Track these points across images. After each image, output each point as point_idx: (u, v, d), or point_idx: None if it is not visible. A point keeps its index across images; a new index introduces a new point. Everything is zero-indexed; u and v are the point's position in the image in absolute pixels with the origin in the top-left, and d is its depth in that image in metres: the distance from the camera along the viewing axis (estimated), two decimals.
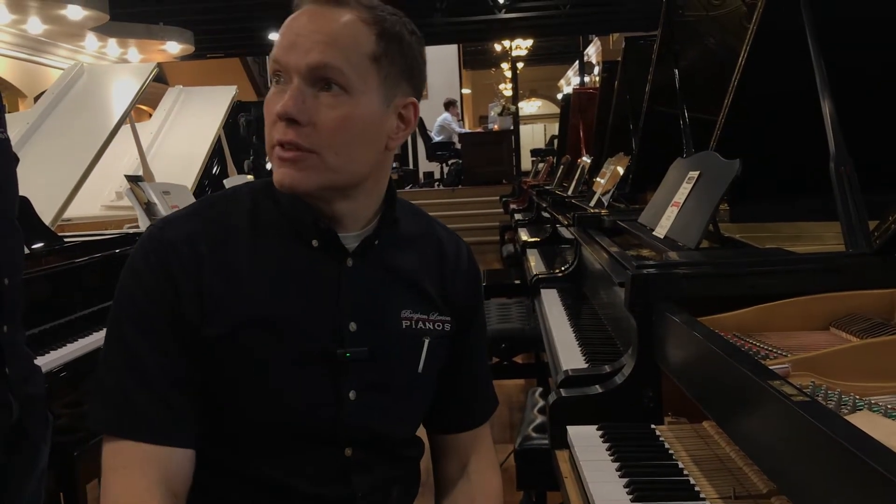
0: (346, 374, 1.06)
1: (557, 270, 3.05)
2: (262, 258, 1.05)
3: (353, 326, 1.07)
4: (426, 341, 1.13)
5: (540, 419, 2.02)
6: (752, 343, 1.26)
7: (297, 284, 1.06)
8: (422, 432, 1.23)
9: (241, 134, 6.35)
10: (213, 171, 6.05)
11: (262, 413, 1.03)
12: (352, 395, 1.06)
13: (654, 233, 2.06)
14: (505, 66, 20.37)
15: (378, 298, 1.10)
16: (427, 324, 1.13)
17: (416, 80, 1.08)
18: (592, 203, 3.67)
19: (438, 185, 13.73)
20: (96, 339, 2.67)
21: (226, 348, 1.02)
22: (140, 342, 1.01)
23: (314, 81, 0.99)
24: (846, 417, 0.87)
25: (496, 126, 13.87)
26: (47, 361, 2.42)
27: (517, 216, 6.76)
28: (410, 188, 13.38)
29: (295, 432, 1.05)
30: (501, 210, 9.64)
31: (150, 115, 6.48)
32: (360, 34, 1.01)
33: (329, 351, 1.05)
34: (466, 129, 15.17)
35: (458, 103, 15.35)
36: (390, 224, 1.12)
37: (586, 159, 5.23)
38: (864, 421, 0.85)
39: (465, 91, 20.84)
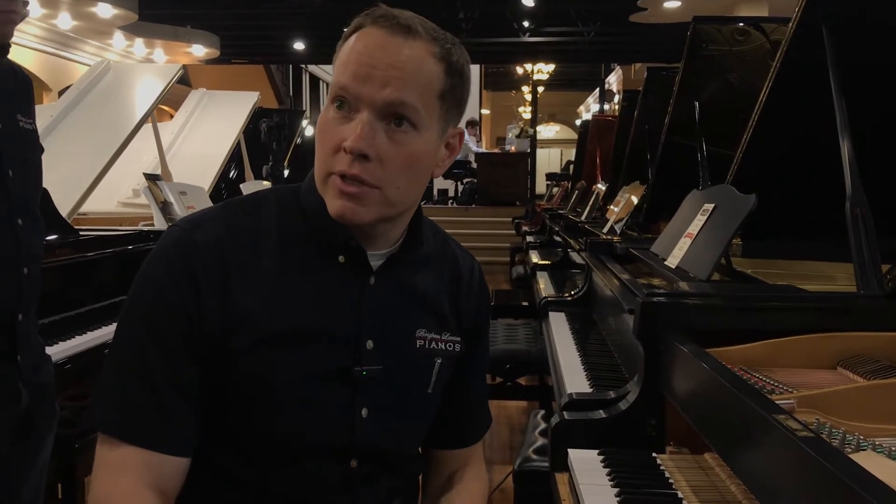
0: (361, 391, 1.06)
1: (567, 294, 3.05)
2: (288, 271, 1.04)
3: (369, 344, 1.07)
4: (437, 362, 1.13)
5: (541, 441, 2.02)
6: (758, 377, 1.26)
7: (320, 300, 1.05)
8: None
9: (261, 140, 6.39)
10: (231, 175, 6.10)
11: (275, 425, 1.03)
12: (364, 412, 1.06)
13: (666, 262, 2.06)
14: (525, 89, 20.47)
15: (395, 317, 1.10)
16: (440, 344, 1.13)
17: (463, 108, 1.09)
18: (605, 230, 3.67)
19: (452, 203, 13.76)
20: (104, 333, 2.69)
21: (246, 361, 1.01)
22: (150, 348, 1.01)
23: (385, 116, 0.98)
24: (849, 456, 0.86)
25: (513, 148, 13.90)
26: (53, 353, 2.44)
27: (529, 238, 6.76)
28: (424, 204, 13.32)
29: (305, 445, 1.04)
30: (513, 232, 9.65)
31: (172, 116, 6.55)
32: (432, 72, 1.00)
33: (345, 368, 1.05)
34: (483, 149, 15.20)
35: (478, 124, 15.41)
36: (416, 245, 1.12)
37: (601, 186, 5.25)
38: (867, 461, 0.85)
39: (485, 111, 20.93)
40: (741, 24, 3.11)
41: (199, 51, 11.58)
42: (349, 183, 0.98)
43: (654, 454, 1.37)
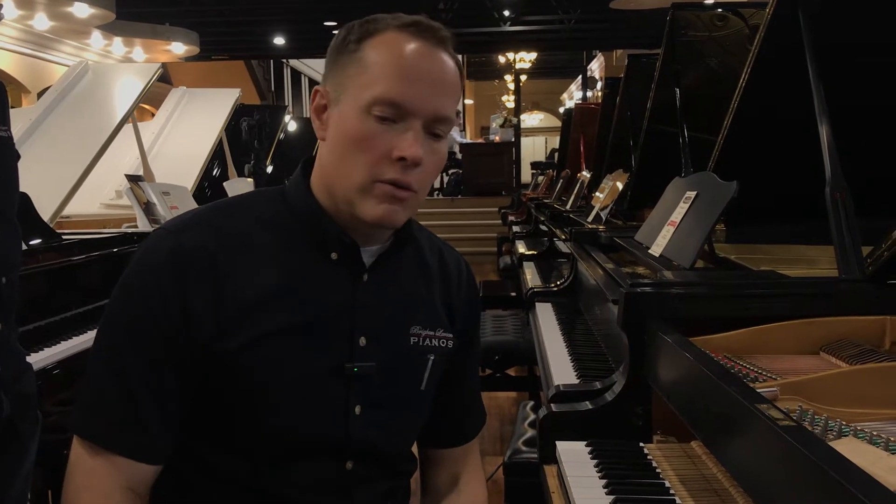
0: (354, 388, 1.06)
1: (553, 284, 3.06)
2: (279, 269, 1.04)
3: (362, 341, 1.07)
4: (431, 358, 1.13)
5: (530, 433, 2.03)
6: (742, 365, 1.27)
7: (313, 297, 1.05)
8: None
9: (242, 138, 6.37)
10: (214, 174, 6.06)
11: (269, 423, 1.03)
12: (357, 409, 1.06)
13: (649, 251, 2.07)
14: (508, 78, 20.45)
15: (389, 314, 1.10)
16: (433, 340, 1.14)
17: None
18: (590, 218, 3.68)
19: (438, 195, 13.75)
20: (91, 337, 2.67)
21: (239, 360, 1.00)
22: (129, 355, 1.01)
23: (429, 128, 1.02)
24: (831, 443, 0.87)
25: (497, 137, 13.91)
26: (41, 358, 2.43)
27: (515, 228, 6.77)
28: None
29: (300, 444, 1.04)
30: (500, 222, 9.66)
31: (153, 115, 6.51)
32: (459, 83, 1.05)
33: (338, 365, 1.05)
34: (468, 140, 15.18)
35: (461, 114, 15.39)
36: (408, 242, 1.13)
37: (586, 174, 5.25)
38: (848, 447, 0.86)
39: (468, 102, 20.91)
40: (720, 10, 3.12)
41: (179, 48, 11.49)
42: (400, 189, 1.01)
43: (641, 444, 1.38)
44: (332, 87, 1.04)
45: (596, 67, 18.50)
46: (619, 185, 3.64)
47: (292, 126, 8.56)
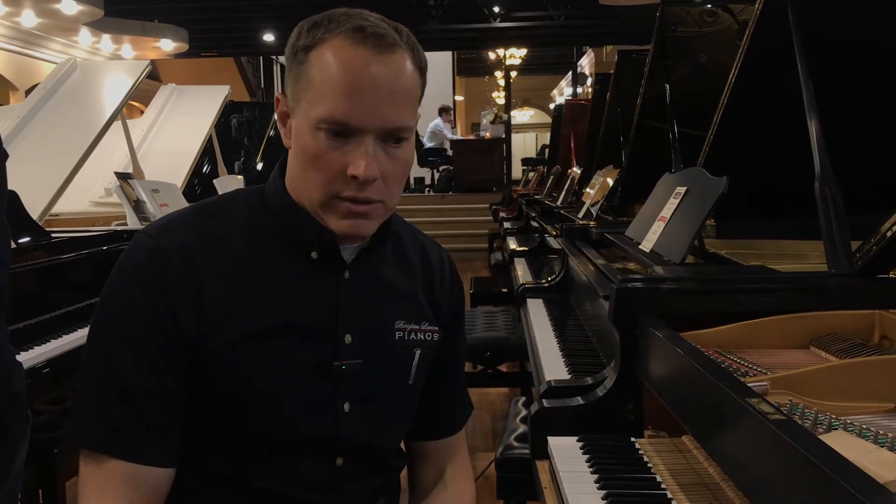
0: (341, 386, 1.06)
1: (544, 280, 3.06)
2: (261, 269, 1.05)
3: (348, 338, 1.07)
4: (417, 352, 1.14)
5: (522, 429, 2.03)
6: (732, 359, 1.27)
7: (295, 296, 1.05)
8: None
9: (232, 135, 6.36)
10: (204, 171, 6.05)
11: (258, 423, 1.03)
12: (346, 406, 1.07)
13: (640, 246, 2.07)
14: (498, 74, 20.43)
15: (373, 310, 1.11)
16: (419, 334, 1.14)
17: None
18: (581, 214, 3.68)
19: (429, 191, 13.73)
20: (81, 335, 2.66)
21: (224, 360, 1.01)
22: (124, 357, 1.00)
23: (385, 138, 1.00)
24: (821, 437, 0.88)
25: (488, 134, 13.85)
26: (30, 357, 2.42)
27: (506, 224, 6.78)
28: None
29: (290, 442, 1.04)
30: (491, 218, 9.66)
31: (142, 112, 6.48)
32: (416, 83, 1.02)
33: (325, 363, 1.05)
34: (458, 136, 15.17)
35: (452, 110, 15.37)
36: (387, 237, 1.13)
37: (576, 170, 5.26)
38: (838, 441, 0.87)
39: (459, 98, 20.88)
40: (709, 6, 3.13)
41: (168, 45, 11.42)
42: (360, 204, 1.00)
43: (632, 439, 1.39)
44: (289, 96, 1.03)
45: (586, 63, 18.50)
46: (610, 181, 3.64)
47: None
